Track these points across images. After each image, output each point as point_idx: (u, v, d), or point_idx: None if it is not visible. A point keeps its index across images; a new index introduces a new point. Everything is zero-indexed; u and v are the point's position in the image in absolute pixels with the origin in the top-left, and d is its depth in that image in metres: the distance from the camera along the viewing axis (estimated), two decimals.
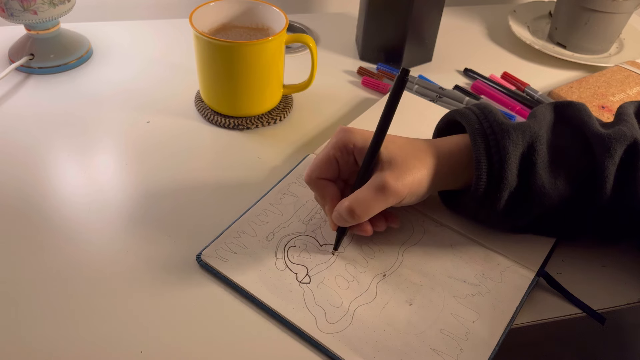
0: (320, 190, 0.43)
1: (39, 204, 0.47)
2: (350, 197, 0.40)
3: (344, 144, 0.42)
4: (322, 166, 0.43)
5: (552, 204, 0.41)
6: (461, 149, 0.42)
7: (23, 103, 0.59)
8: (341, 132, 0.42)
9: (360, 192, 0.40)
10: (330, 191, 0.43)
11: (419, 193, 0.41)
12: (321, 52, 0.71)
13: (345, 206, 0.40)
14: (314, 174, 0.43)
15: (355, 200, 0.40)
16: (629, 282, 0.44)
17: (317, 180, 0.43)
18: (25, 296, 0.40)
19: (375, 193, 0.39)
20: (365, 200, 0.40)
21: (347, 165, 0.43)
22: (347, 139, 0.42)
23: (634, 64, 0.71)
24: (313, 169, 0.43)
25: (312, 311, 0.39)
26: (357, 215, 0.40)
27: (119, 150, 0.54)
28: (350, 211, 0.40)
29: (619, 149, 0.41)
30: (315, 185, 0.43)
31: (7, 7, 0.58)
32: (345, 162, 0.43)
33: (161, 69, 0.65)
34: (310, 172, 0.43)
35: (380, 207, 0.40)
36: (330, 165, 0.43)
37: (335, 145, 0.42)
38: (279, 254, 0.43)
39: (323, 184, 0.43)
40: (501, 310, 0.40)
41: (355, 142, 0.42)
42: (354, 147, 0.42)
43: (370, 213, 0.40)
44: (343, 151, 0.42)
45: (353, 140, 0.42)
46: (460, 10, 0.84)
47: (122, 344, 0.37)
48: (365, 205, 0.40)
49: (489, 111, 0.43)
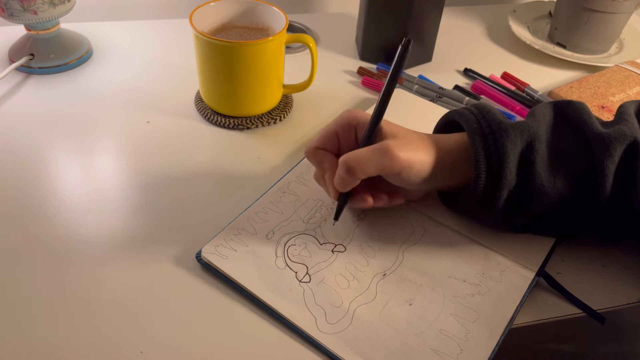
0: (319, 160, 0.44)
1: (39, 204, 0.47)
2: (347, 154, 0.41)
3: (347, 121, 0.43)
4: (322, 138, 0.43)
5: (551, 203, 0.41)
6: (460, 147, 0.42)
7: (23, 103, 0.59)
8: (346, 112, 0.43)
9: (359, 150, 0.41)
10: (329, 159, 0.43)
11: (419, 175, 0.41)
12: (321, 52, 0.71)
13: (342, 159, 0.40)
14: (313, 144, 0.44)
15: (352, 154, 0.40)
16: (629, 282, 0.44)
17: (316, 150, 0.43)
18: (25, 296, 0.40)
19: (373, 151, 0.40)
20: (362, 155, 0.40)
21: (348, 143, 0.44)
22: (350, 117, 0.43)
23: (634, 64, 0.71)
24: (313, 141, 0.44)
25: (312, 311, 0.39)
26: (352, 168, 0.40)
27: (118, 150, 0.54)
28: (345, 164, 0.40)
29: (619, 149, 0.40)
30: (315, 155, 0.44)
31: (7, 7, 0.58)
32: (346, 140, 0.43)
33: (161, 69, 0.65)
34: (310, 144, 0.44)
35: (374, 165, 0.40)
36: (331, 138, 0.43)
37: (338, 122, 0.43)
38: (279, 253, 0.43)
39: (322, 154, 0.43)
40: (501, 310, 0.40)
41: (359, 120, 0.43)
42: (357, 124, 0.43)
43: (365, 169, 0.40)
44: (345, 128, 0.43)
45: (357, 118, 0.43)
46: (460, 10, 0.84)
47: (122, 344, 0.37)
48: (361, 160, 0.40)
49: (488, 111, 0.43)
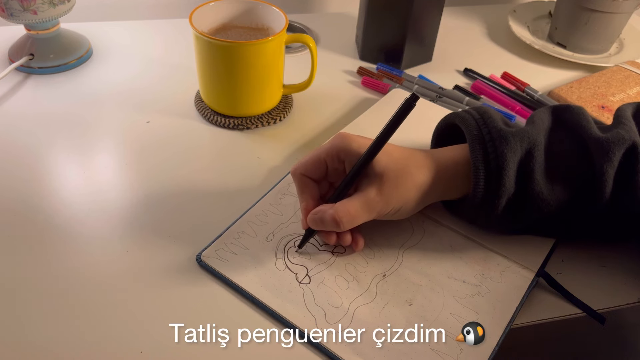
0: (301, 187, 0.43)
1: (39, 204, 0.47)
2: (338, 207, 0.40)
3: (337, 152, 0.42)
4: (309, 165, 0.42)
5: (550, 210, 0.41)
6: (458, 163, 0.42)
7: (23, 103, 0.59)
8: (338, 139, 0.42)
9: (349, 203, 0.40)
10: (310, 191, 0.43)
11: (406, 209, 0.42)
12: (321, 52, 0.71)
13: (331, 214, 0.40)
14: (299, 170, 0.43)
15: (344, 211, 0.40)
16: (629, 282, 0.44)
17: (301, 176, 0.43)
18: (25, 296, 0.40)
19: (361, 206, 0.40)
20: (353, 212, 0.40)
21: (336, 172, 0.43)
22: (341, 147, 0.41)
23: (634, 64, 0.70)
24: (300, 165, 0.43)
25: (312, 311, 0.39)
26: (343, 226, 0.40)
27: (118, 150, 0.54)
28: (336, 220, 0.40)
29: (618, 153, 0.40)
30: (298, 180, 0.43)
31: (7, 7, 0.58)
32: (334, 169, 0.43)
33: (161, 69, 0.65)
34: (297, 167, 0.43)
35: (363, 220, 0.41)
36: (318, 166, 0.42)
37: (328, 151, 0.42)
38: (279, 255, 0.43)
39: (305, 182, 0.43)
40: (501, 310, 0.40)
41: (349, 152, 0.41)
42: (345, 156, 0.41)
43: (353, 225, 0.41)
44: (334, 158, 0.42)
45: (347, 149, 0.41)
46: (460, 10, 0.84)
47: (122, 344, 0.37)
48: (352, 216, 0.40)
49: (489, 116, 0.43)
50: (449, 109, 0.60)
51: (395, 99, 0.60)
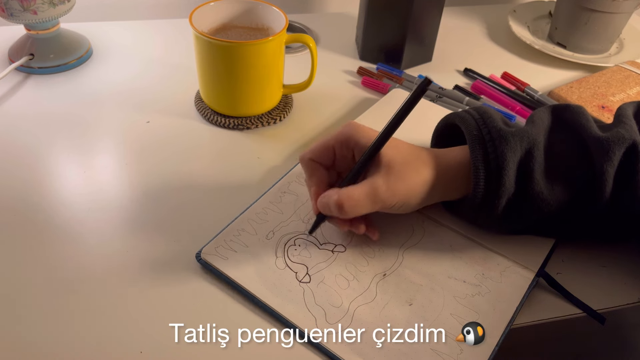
0: (309, 171, 0.43)
1: (39, 204, 0.47)
2: (342, 192, 0.40)
3: (346, 139, 0.42)
4: (318, 151, 0.43)
5: (550, 210, 0.41)
6: (459, 164, 0.42)
7: (23, 103, 0.59)
8: (347, 127, 0.42)
9: (353, 190, 0.40)
10: (319, 174, 0.43)
11: (410, 204, 0.41)
12: (321, 52, 0.71)
13: (335, 199, 0.40)
14: (308, 155, 0.43)
15: (347, 196, 0.40)
16: (629, 282, 0.44)
17: (309, 161, 0.43)
18: (25, 296, 0.40)
19: (366, 194, 0.40)
20: (356, 198, 0.40)
21: (344, 159, 0.43)
22: (350, 135, 0.42)
23: (634, 64, 0.71)
24: (308, 150, 0.43)
25: (312, 311, 0.39)
26: (345, 211, 0.40)
27: (118, 150, 0.54)
28: (339, 205, 0.40)
29: (618, 152, 0.40)
30: (307, 165, 0.43)
31: (7, 7, 0.58)
32: (342, 156, 0.43)
33: (161, 69, 0.65)
34: (305, 153, 0.43)
35: (367, 210, 0.41)
36: (327, 152, 0.43)
37: (337, 138, 0.42)
38: (279, 253, 0.43)
39: (314, 166, 0.43)
40: (501, 310, 0.40)
41: (358, 140, 0.42)
42: (355, 145, 0.42)
43: (357, 212, 0.40)
44: (343, 145, 0.42)
45: (356, 137, 0.42)
46: (460, 10, 0.84)
47: (122, 344, 0.37)
48: (355, 203, 0.40)
49: (489, 116, 0.43)
50: (449, 109, 0.60)
51: (396, 99, 0.60)
